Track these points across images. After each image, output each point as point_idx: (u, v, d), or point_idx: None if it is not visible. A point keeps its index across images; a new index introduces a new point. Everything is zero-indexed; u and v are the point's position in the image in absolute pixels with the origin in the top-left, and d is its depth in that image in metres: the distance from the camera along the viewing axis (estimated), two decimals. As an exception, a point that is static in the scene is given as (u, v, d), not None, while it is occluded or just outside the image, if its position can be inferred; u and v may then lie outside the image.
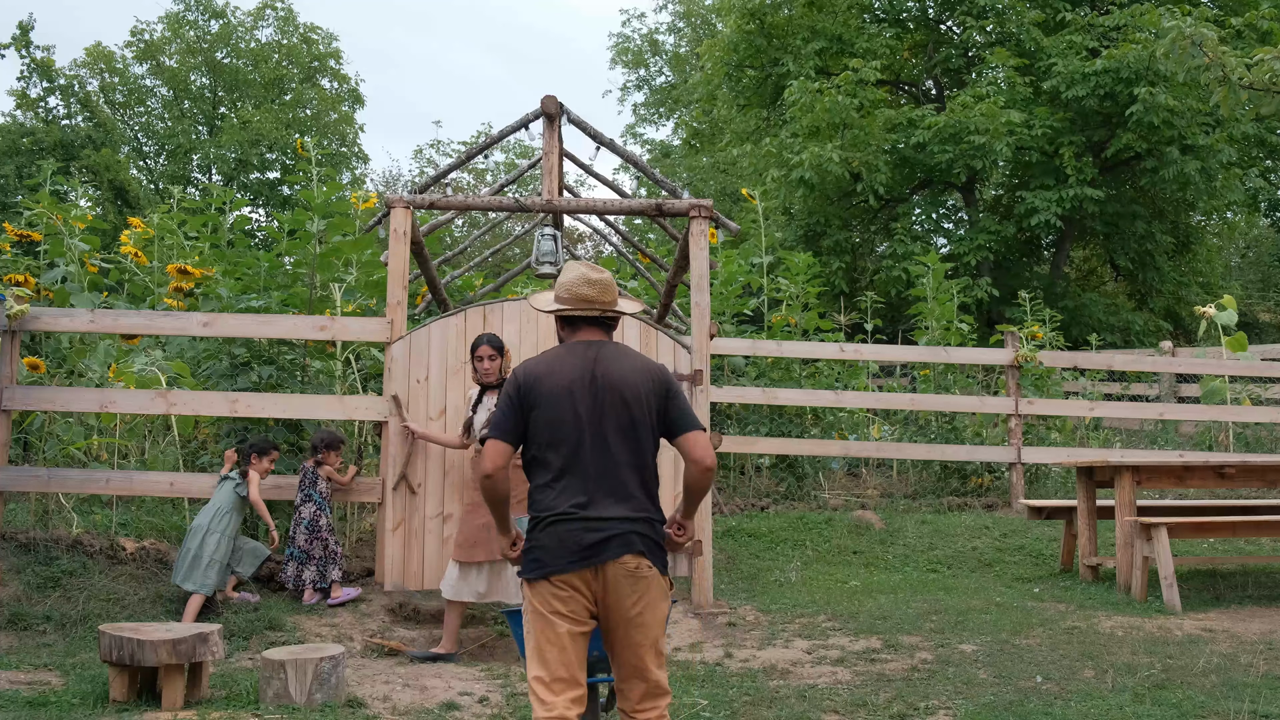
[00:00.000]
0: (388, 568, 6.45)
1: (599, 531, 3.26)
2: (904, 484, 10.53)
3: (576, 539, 3.26)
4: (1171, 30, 8.72)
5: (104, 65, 31.28)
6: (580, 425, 3.33)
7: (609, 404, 3.34)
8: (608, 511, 3.29)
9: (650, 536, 3.34)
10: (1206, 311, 11.18)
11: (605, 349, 3.44)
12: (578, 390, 3.34)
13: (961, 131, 17.23)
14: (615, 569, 3.26)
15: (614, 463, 3.33)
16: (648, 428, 3.39)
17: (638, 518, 3.32)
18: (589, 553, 3.25)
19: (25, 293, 7.33)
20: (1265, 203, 23.71)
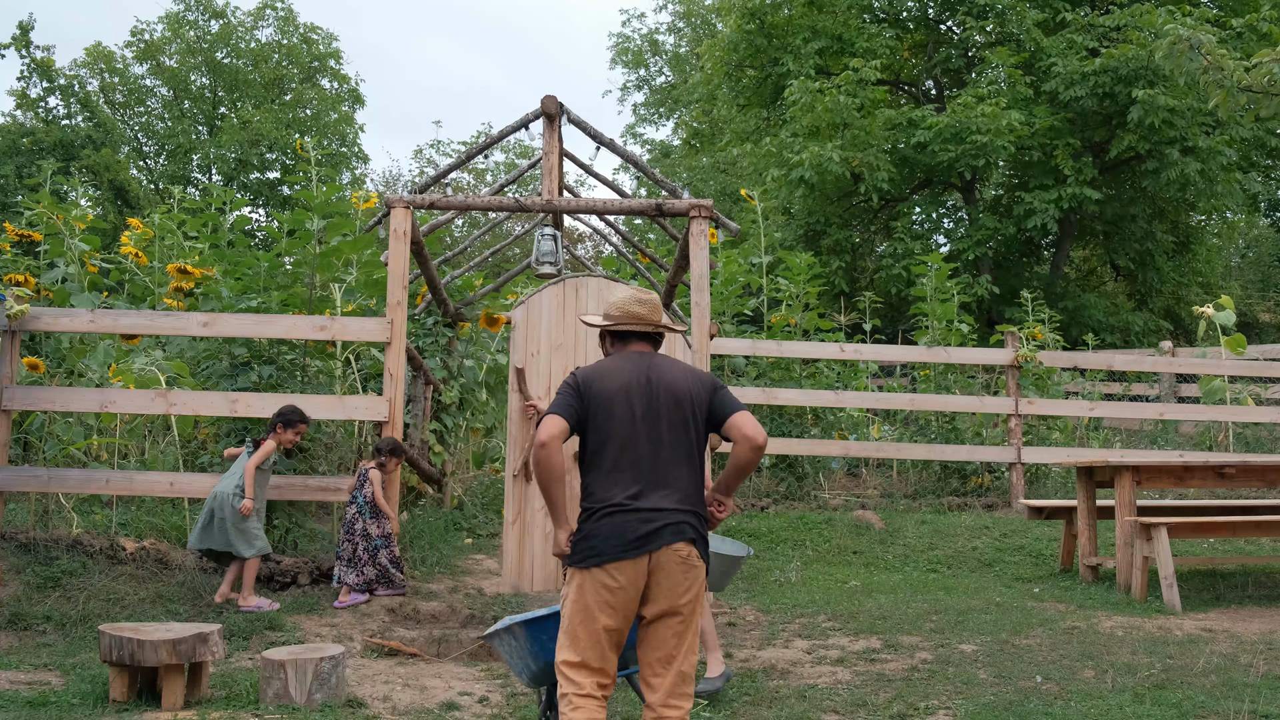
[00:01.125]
0: (506, 565, 6.42)
1: (652, 522, 3.39)
2: (904, 484, 10.53)
3: (632, 529, 3.39)
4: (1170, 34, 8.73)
5: (104, 65, 31.27)
6: (635, 422, 3.51)
7: (663, 404, 3.54)
8: (660, 503, 3.43)
9: (699, 530, 3.49)
10: (1205, 311, 11.18)
11: (657, 358, 3.69)
12: (634, 391, 3.54)
13: (963, 131, 17.23)
14: (668, 555, 3.39)
15: (666, 458, 3.50)
16: (697, 427, 3.58)
17: (688, 509, 3.48)
18: (642, 541, 3.37)
19: (25, 293, 7.33)
20: (1265, 203, 23.72)
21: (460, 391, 10.13)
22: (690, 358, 7.00)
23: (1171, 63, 8.81)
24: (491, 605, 6.80)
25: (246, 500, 6.29)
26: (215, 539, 6.29)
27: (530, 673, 3.98)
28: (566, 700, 3.34)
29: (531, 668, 3.94)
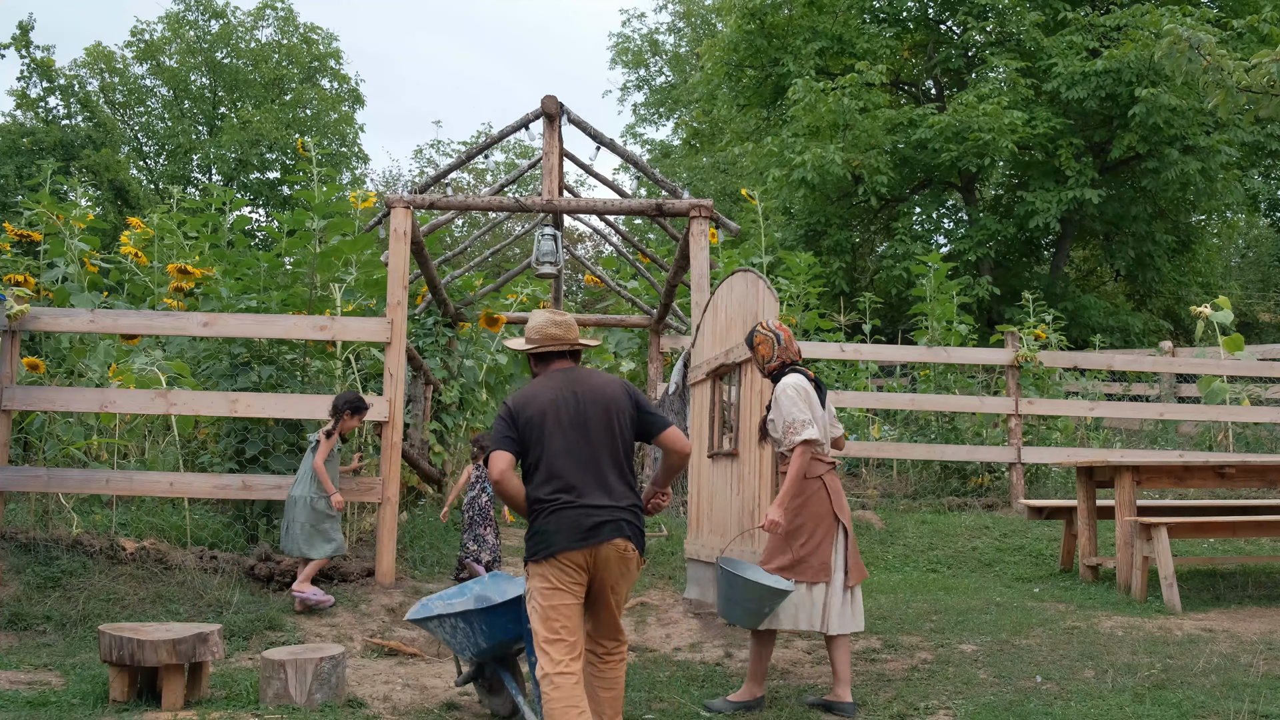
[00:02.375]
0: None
1: (593, 517, 3.88)
2: (904, 484, 10.53)
3: (578, 522, 3.87)
4: (1169, 33, 8.73)
5: (104, 65, 31.27)
6: (565, 432, 3.96)
7: (590, 412, 4.01)
8: (598, 501, 3.92)
9: (635, 524, 3.99)
10: (1203, 312, 11.18)
11: (579, 371, 4.15)
12: (561, 405, 4.00)
13: (964, 130, 17.23)
14: (608, 550, 3.91)
15: (598, 459, 3.97)
16: (623, 431, 4.05)
17: (624, 506, 3.97)
18: (589, 534, 3.87)
19: (25, 293, 7.33)
20: (1265, 203, 23.72)
21: (460, 391, 10.14)
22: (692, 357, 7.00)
23: (1171, 63, 8.80)
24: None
25: (335, 497, 6.41)
26: (289, 544, 6.42)
27: (478, 649, 4.61)
28: (548, 680, 3.79)
29: (481, 645, 4.58)
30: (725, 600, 4.80)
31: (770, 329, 5.06)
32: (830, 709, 4.74)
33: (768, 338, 5.04)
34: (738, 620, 4.82)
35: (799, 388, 4.88)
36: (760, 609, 4.72)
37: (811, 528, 4.81)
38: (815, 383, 5.01)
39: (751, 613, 4.74)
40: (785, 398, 4.86)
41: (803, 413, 4.80)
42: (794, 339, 5.10)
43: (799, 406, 4.82)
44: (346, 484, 6.97)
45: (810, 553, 4.78)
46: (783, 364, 5.02)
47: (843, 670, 4.80)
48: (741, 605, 4.74)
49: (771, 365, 5.03)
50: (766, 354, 5.04)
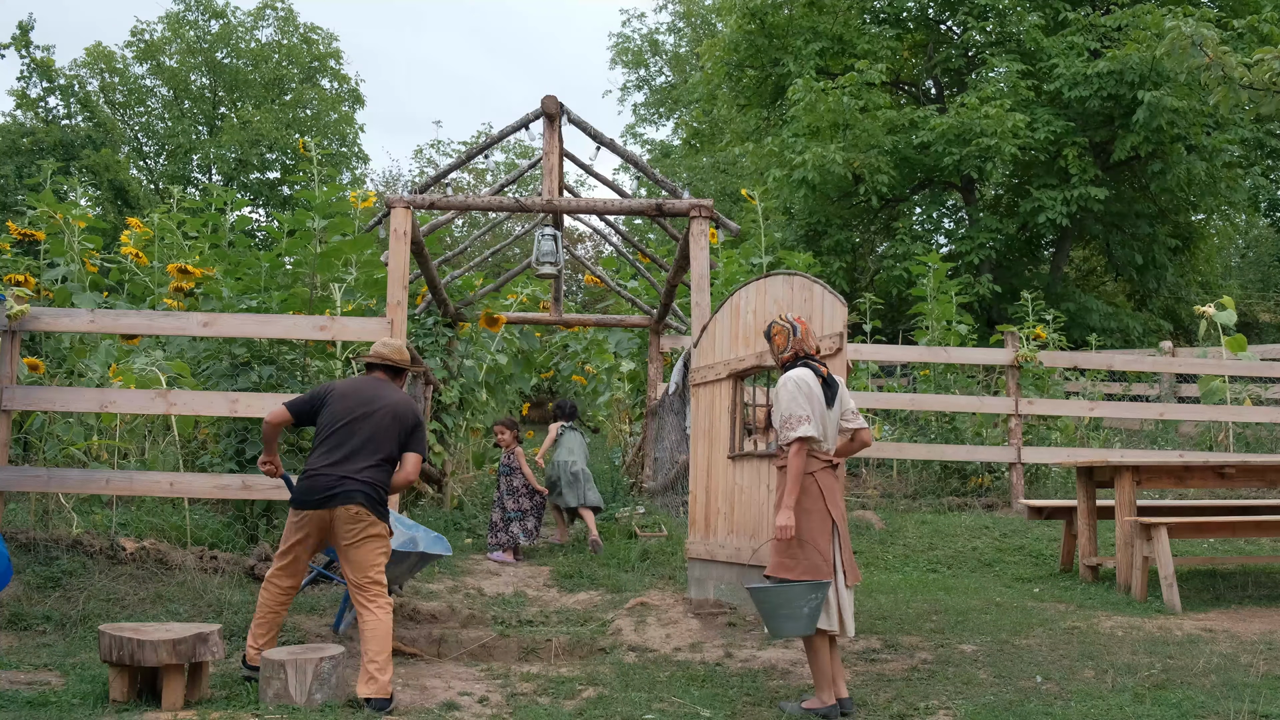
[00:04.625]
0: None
1: (337, 486, 4.86)
2: (904, 484, 10.54)
3: (319, 487, 4.88)
4: (1172, 30, 8.73)
5: (104, 65, 31.26)
6: (349, 419, 4.99)
7: (374, 410, 5.03)
8: (344, 472, 4.88)
9: (372, 496, 4.90)
10: (1206, 311, 11.18)
11: (386, 384, 5.23)
12: (355, 400, 5.06)
13: (966, 133, 17.22)
14: (341, 512, 4.85)
15: (360, 445, 4.94)
16: (394, 433, 5.03)
17: (365, 481, 4.89)
18: (323, 499, 4.86)
19: (25, 293, 7.33)
20: (1265, 203, 23.71)
21: (460, 391, 10.14)
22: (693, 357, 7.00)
23: (1173, 59, 8.81)
24: (492, 605, 6.81)
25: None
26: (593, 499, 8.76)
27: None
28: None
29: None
30: (770, 618, 4.67)
31: (788, 320, 5.01)
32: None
33: (784, 329, 5.00)
34: (793, 632, 4.66)
35: (800, 382, 4.82)
36: (802, 610, 4.59)
37: (807, 524, 4.75)
38: (826, 380, 4.91)
39: (797, 618, 4.60)
40: (785, 392, 4.81)
41: (801, 408, 4.75)
42: (812, 334, 5.03)
43: (798, 402, 4.76)
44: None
45: (808, 550, 4.73)
46: (796, 356, 4.96)
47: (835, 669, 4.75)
48: (782, 614, 4.61)
49: (785, 356, 4.99)
50: (781, 344, 5.00)
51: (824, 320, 5.67)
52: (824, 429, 4.85)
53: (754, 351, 6.20)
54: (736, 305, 6.46)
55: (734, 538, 6.27)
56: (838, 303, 5.54)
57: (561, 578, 7.43)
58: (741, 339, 6.35)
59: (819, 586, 4.60)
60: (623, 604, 6.65)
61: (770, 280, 6.14)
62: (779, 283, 6.06)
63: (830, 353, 5.54)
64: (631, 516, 8.85)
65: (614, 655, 5.79)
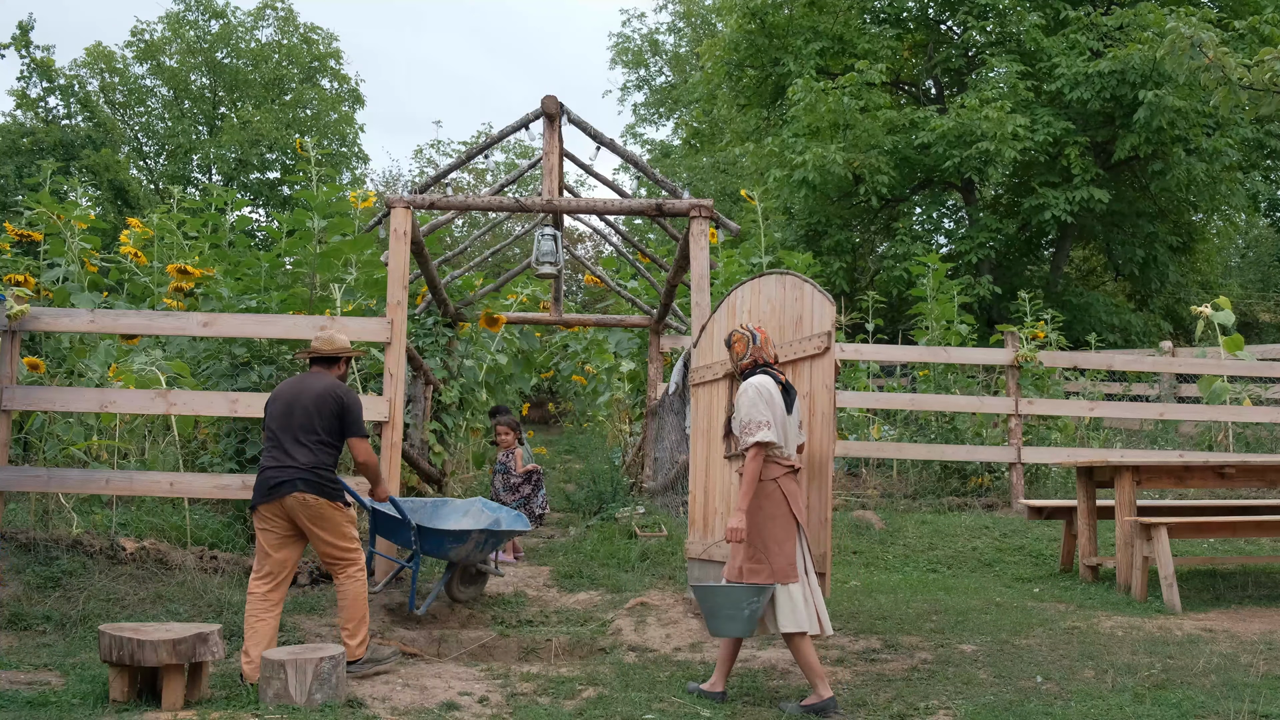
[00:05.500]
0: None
1: (279, 476, 5.14)
2: (904, 484, 10.53)
3: (265, 483, 5.18)
4: (1172, 32, 8.73)
5: (104, 65, 31.24)
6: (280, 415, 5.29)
7: (298, 402, 5.27)
8: (283, 463, 5.15)
9: (314, 480, 5.14)
10: (1203, 311, 11.18)
11: (315, 375, 5.45)
12: (285, 397, 5.34)
13: (967, 135, 17.21)
14: (290, 501, 5.12)
15: (293, 436, 5.20)
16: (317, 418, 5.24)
17: (302, 466, 5.14)
18: (269, 492, 5.15)
19: (25, 293, 7.33)
20: (1265, 203, 23.71)
21: (460, 391, 10.13)
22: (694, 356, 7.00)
23: (1173, 61, 8.81)
24: (491, 605, 6.81)
25: None
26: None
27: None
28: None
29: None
30: (712, 617, 4.81)
31: (748, 329, 5.15)
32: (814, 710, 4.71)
33: (744, 337, 5.12)
34: (733, 631, 4.81)
35: (762, 388, 4.91)
36: (743, 612, 4.72)
37: (773, 529, 4.83)
38: (785, 387, 5.02)
39: (738, 619, 4.74)
40: (746, 397, 4.91)
41: (762, 414, 4.83)
42: (771, 342, 5.15)
43: (759, 408, 4.85)
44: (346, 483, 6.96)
45: (775, 554, 4.81)
46: (755, 364, 5.08)
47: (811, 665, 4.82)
48: (726, 615, 4.75)
49: (744, 364, 5.11)
50: (740, 351, 5.12)
51: (813, 319, 5.67)
52: (784, 435, 4.94)
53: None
54: (733, 305, 6.46)
55: None
56: (826, 302, 5.55)
57: (561, 578, 7.43)
58: None
59: (761, 590, 4.73)
60: (623, 604, 6.66)
61: (764, 280, 6.15)
62: (772, 282, 6.07)
63: (818, 352, 5.55)
64: (631, 516, 8.85)
65: (614, 655, 5.79)
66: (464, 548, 6.36)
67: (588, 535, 8.59)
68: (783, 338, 5.86)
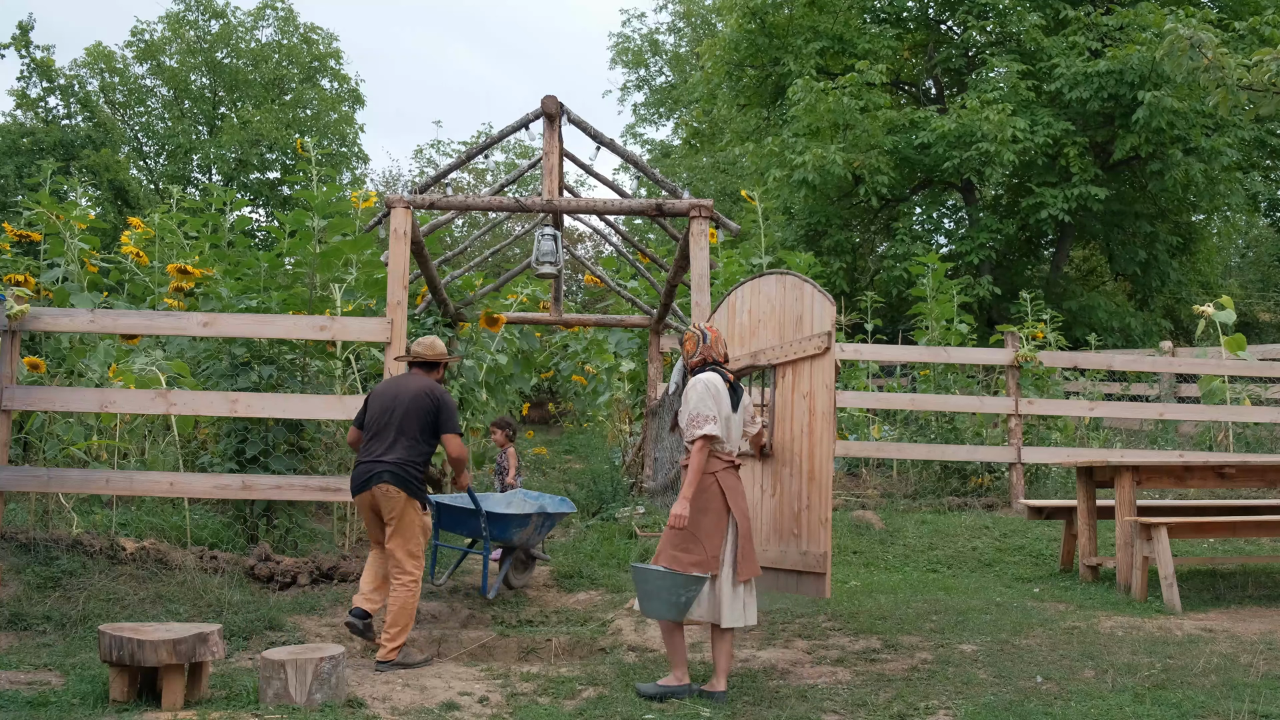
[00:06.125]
0: None
1: (371, 470, 5.58)
2: (904, 484, 10.53)
3: (360, 475, 5.64)
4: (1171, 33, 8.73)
5: (104, 65, 31.24)
6: (378, 413, 5.71)
7: (397, 402, 5.70)
8: (376, 458, 5.60)
9: (400, 475, 5.56)
10: (1205, 311, 11.18)
11: (413, 376, 5.87)
12: (384, 396, 5.77)
13: (967, 135, 17.21)
14: (376, 491, 5.57)
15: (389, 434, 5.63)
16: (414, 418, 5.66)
17: (392, 463, 5.57)
18: (363, 484, 5.61)
19: (25, 293, 7.33)
20: (1265, 203, 23.71)
21: (460, 391, 10.13)
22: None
23: (1172, 61, 8.81)
24: (491, 605, 6.81)
25: None
26: None
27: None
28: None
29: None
30: (648, 598, 4.98)
31: (700, 329, 5.34)
32: (707, 697, 4.91)
33: (695, 335, 5.33)
34: (662, 614, 4.98)
35: (709, 384, 5.10)
36: (679, 599, 4.91)
37: (703, 521, 5.01)
38: (732, 385, 5.23)
39: (672, 605, 4.92)
40: (694, 393, 5.10)
41: (708, 409, 5.03)
42: (721, 341, 5.34)
43: (705, 403, 5.04)
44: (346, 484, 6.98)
45: (703, 545, 4.98)
46: (704, 361, 5.27)
47: (722, 662, 5.01)
48: (660, 598, 4.92)
49: (693, 361, 5.30)
50: (690, 350, 5.31)
51: (813, 319, 5.67)
52: (728, 431, 5.14)
53: (748, 351, 6.21)
54: (733, 304, 6.46)
55: None
56: (827, 302, 5.57)
57: (561, 578, 7.43)
58: (737, 338, 6.36)
59: (698, 581, 4.92)
60: (623, 604, 6.66)
61: (764, 280, 6.16)
62: (772, 282, 6.08)
63: (818, 352, 5.56)
64: (631, 516, 8.85)
65: (614, 655, 5.79)
66: (526, 531, 6.85)
67: (588, 535, 8.59)
68: (783, 337, 5.87)
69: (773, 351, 5.92)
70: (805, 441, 5.54)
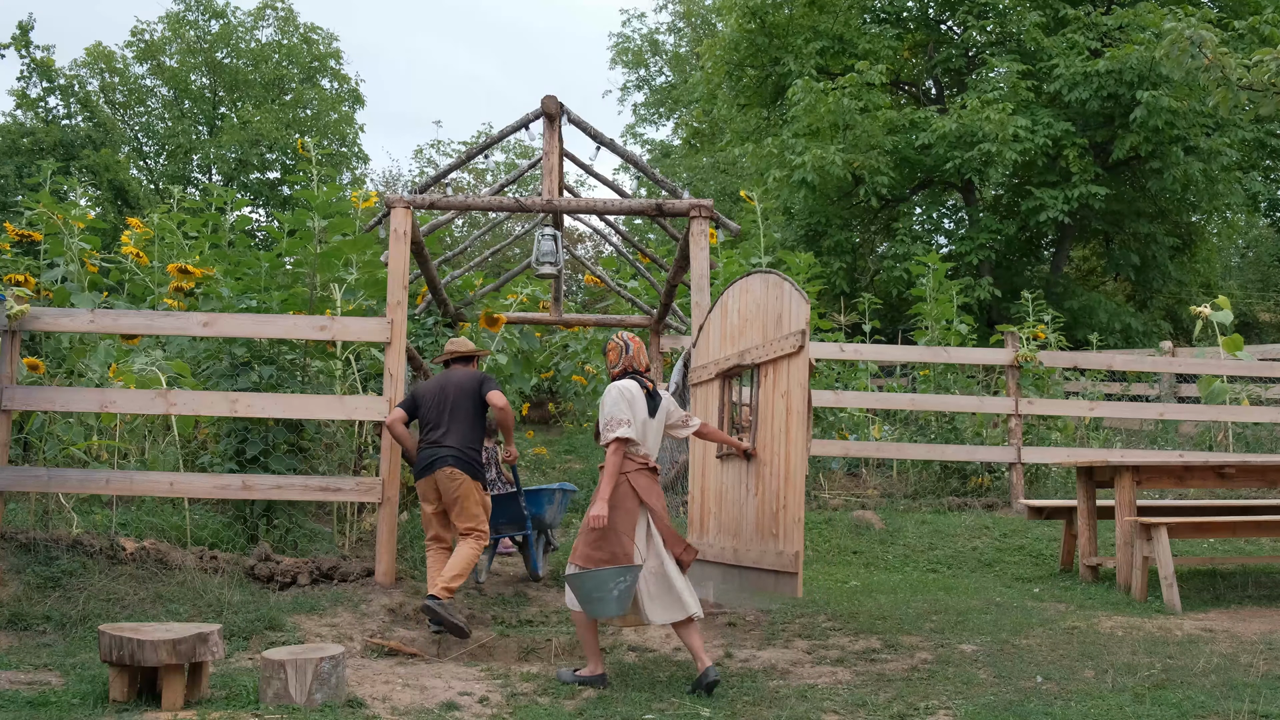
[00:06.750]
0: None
1: (434, 454, 6.20)
2: (904, 484, 10.53)
3: (423, 460, 6.26)
4: (1171, 31, 8.73)
5: (104, 65, 31.23)
6: (433, 404, 6.34)
7: (448, 391, 6.36)
8: (438, 442, 6.22)
9: (462, 458, 6.21)
10: (1202, 311, 11.17)
11: (455, 370, 6.54)
12: (435, 390, 6.42)
13: (967, 136, 17.20)
14: (439, 475, 6.19)
15: (446, 422, 6.25)
16: (465, 401, 6.30)
17: (453, 447, 6.20)
18: (426, 468, 6.23)
19: (25, 293, 7.32)
20: (1265, 203, 23.71)
21: (460, 391, 10.12)
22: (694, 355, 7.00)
23: (1172, 61, 8.80)
24: (491, 605, 6.81)
25: None
26: None
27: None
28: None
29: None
30: (586, 602, 5.14)
31: (623, 339, 5.57)
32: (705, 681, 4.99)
33: (618, 346, 5.56)
34: (607, 613, 5.14)
35: (625, 390, 5.36)
36: (611, 593, 5.09)
37: (615, 518, 5.21)
38: (650, 393, 5.45)
39: (607, 600, 5.09)
40: (609, 399, 5.36)
41: (622, 413, 5.28)
42: (643, 352, 5.57)
43: (619, 407, 5.30)
44: (346, 484, 6.97)
45: (616, 541, 5.20)
46: (624, 370, 5.52)
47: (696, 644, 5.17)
48: (596, 598, 5.10)
49: (615, 370, 5.55)
50: (614, 359, 5.56)
51: (790, 317, 5.69)
52: (644, 435, 5.38)
53: (736, 350, 6.22)
54: (725, 304, 6.48)
55: (722, 537, 6.28)
56: (802, 301, 5.59)
57: (561, 578, 7.43)
58: (729, 338, 6.37)
59: (625, 570, 5.12)
60: (623, 604, 6.65)
61: (750, 279, 6.20)
62: (757, 281, 6.13)
63: (793, 351, 5.58)
64: (631, 516, 8.84)
65: (614, 655, 5.79)
66: (552, 507, 7.53)
67: (588, 535, 8.58)
68: (765, 336, 5.91)
69: (756, 351, 5.98)
70: (784, 441, 5.58)
